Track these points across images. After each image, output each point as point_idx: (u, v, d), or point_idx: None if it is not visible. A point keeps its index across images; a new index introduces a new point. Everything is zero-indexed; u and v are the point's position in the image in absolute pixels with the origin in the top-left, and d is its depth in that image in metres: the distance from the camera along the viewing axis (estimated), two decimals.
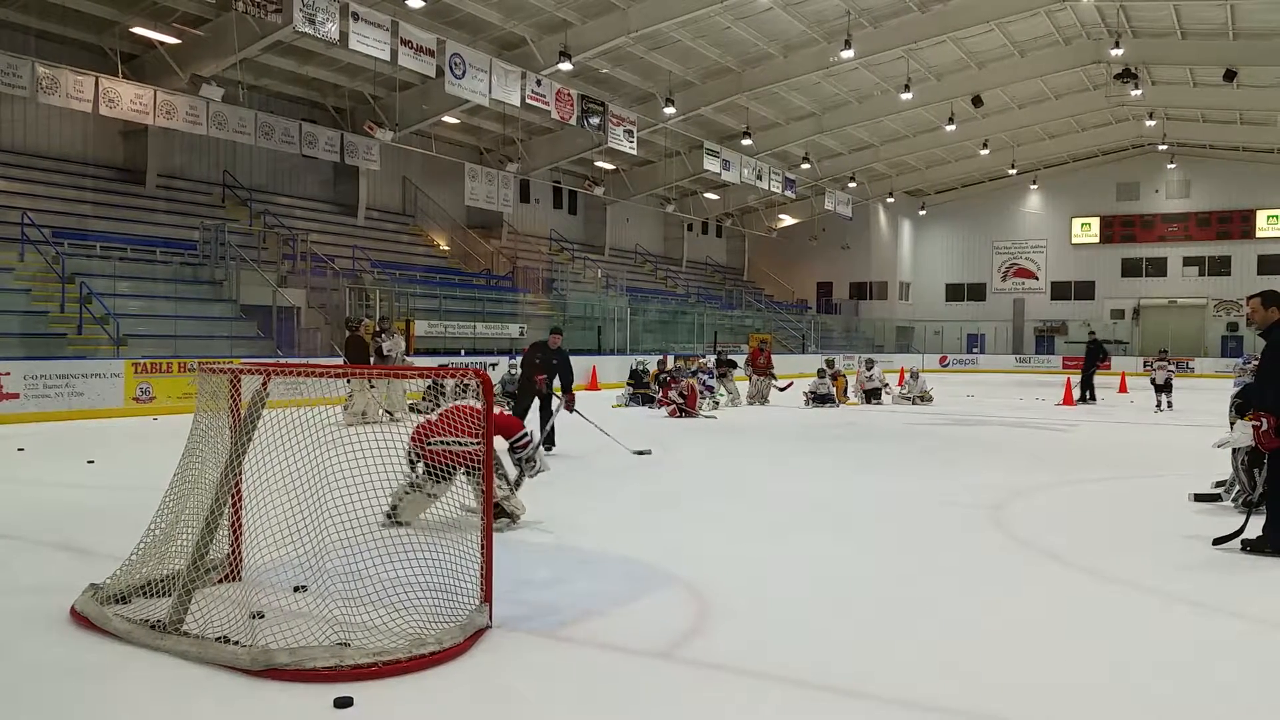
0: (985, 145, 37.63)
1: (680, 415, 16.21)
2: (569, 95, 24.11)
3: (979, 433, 14.41)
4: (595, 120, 25.13)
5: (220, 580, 4.66)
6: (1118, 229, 45.36)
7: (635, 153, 28.09)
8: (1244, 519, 6.19)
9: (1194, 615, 4.92)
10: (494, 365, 19.60)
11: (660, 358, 21.69)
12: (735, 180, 33.10)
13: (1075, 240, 46.27)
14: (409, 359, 17.51)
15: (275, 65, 23.17)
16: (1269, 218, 42.30)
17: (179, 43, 20.34)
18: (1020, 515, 7.46)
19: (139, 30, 20.06)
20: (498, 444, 5.41)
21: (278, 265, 21.86)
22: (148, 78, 20.21)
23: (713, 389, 18.70)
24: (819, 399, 18.75)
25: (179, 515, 4.64)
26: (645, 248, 40.85)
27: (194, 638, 4.02)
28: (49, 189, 19.94)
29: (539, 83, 23.06)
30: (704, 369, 20.05)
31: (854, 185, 41.71)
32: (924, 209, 47.44)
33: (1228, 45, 27.23)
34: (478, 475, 5.36)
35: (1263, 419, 5.86)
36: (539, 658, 4.05)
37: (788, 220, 45.30)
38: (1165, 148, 41.14)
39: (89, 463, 9.75)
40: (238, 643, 3.92)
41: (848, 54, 24.37)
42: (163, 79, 20.14)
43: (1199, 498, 7.70)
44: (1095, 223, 45.78)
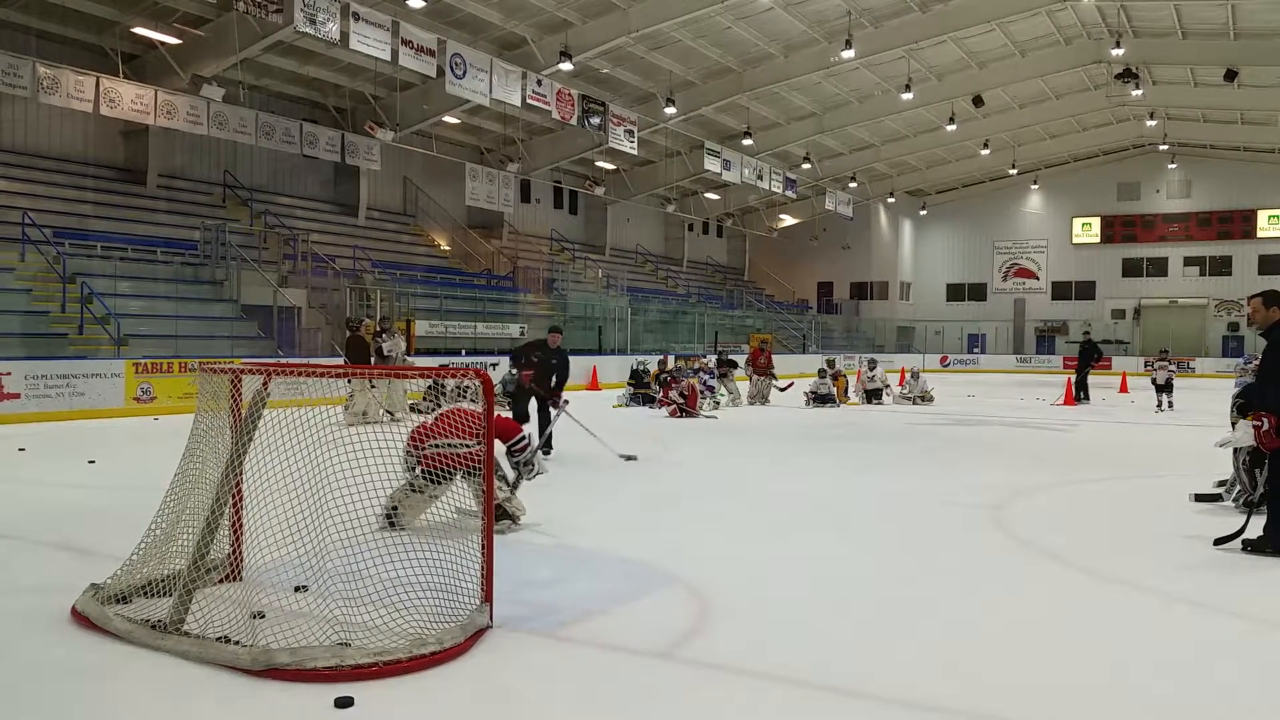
0: (986, 145, 37.62)
1: (681, 415, 16.21)
2: (569, 95, 24.11)
3: (980, 433, 14.41)
4: (596, 120, 25.14)
5: (221, 580, 4.67)
6: (1118, 229, 45.35)
7: (636, 153, 28.09)
8: (1245, 519, 6.20)
9: (1194, 615, 4.92)
10: (495, 365, 19.60)
11: (661, 358, 21.70)
12: (736, 180, 33.10)
13: (1076, 240, 46.27)
14: (409, 359, 17.52)
15: (276, 65, 23.17)
16: (1270, 218, 42.30)
17: (180, 43, 20.36)
18: (1021, 515, 7.46)
19: (140, 30, 20.08)
20: (496, 447, 5.40)
21: (278, 265, 21.87)
22: (148, 78, 20.23)
23: (713, 389, 18.72)
24: (820, 399, 18.75)
25: (180, 515, 4.64)
26: (646, 248, 40.85)
27: (195, 638, 4.02)
28: (50, 189, 19.95)
29: (540, 83, 23.07)
30: (705, 369, 20.06)
31: (855, 185, 41.71)
32: (925, 209, 47.42)
33: (1228, 45, 27.22)
34: (476, 477, 5.36)
35: (1264, 419, 5.87)
36: (539, 658, 4.05)
37: (788, 220, 45.30)
38: (1166, 148, 41.15)
39: (90, 463, 9.76)
40: (238, 643, 3.93)
41: (848, 54, 24.36)
42: (163, 79, 20.15)
43: (1199, 498, 7.70)
44: (1096, 223, 45.77)
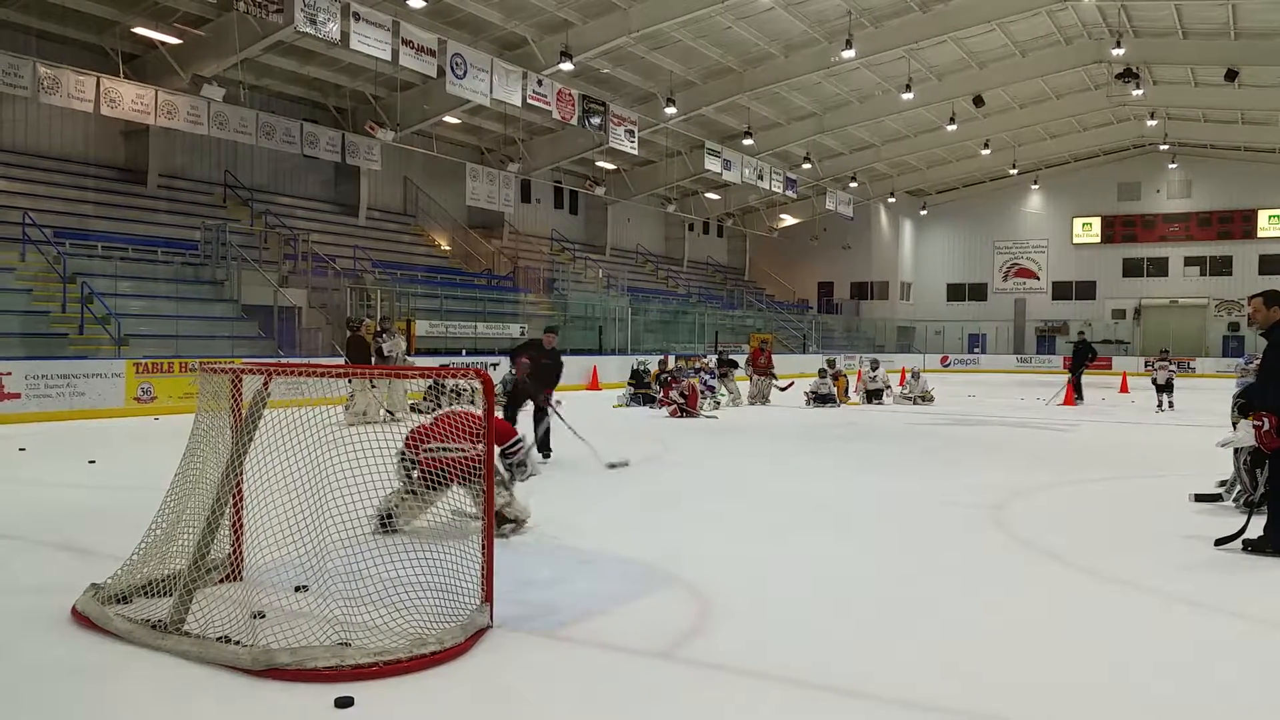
0: (986, 145, 37.61)
1: (681, 415, 16.21)
2: (570, 95, 24.11)
3: (980, 433, 14.41)
4: (596, 120, 25.14)
5: (221, 580, 4.68)
6: (1119, 229, 45.34)
7: (636, 153, 28.09)
8: (1245, 519, 6.20)
9: (1194, 615, 4.92)
10: (495, 365, 19.59)
11: (661, 358, 21.71)
12: (736, 180, 33.10)
13: (1076, 240, 46.25)
14: (410, 359, 17.52)
15: (276, 65, 23.17)
16: (1270, 217, 42.29)
17: (180, 43, 20.36)
18: (1021, 515, 7.46)
19: (140, 30, 20.08)
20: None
21: (279, 265, 21.87)
22: (149, 78, 20.22)
23: (714, 389, 18.72)
24: (820, 399, 18.75)
25: (180, 515, 4.64)
26: (646, 248, 40.84)
27: (195, 637, 4.02)
28: (50, 189, 19.96)
29: (540, 83, 23.07)
30: (705, 369, 20.06)
31: (855, 185, 41.70)
32: (925, 209, 47.42)
33: (1229, 45, 27.21)
34: (473, 482, 5.33)
35: (1265, 419, 5.87)
36: (539, 658, 4.05)
37: (789, 220, 45.28)
38: (1166, 147, 41.15)
39: (90, 463, 9.76)
40: (239, 642, 3.93)
41: (849, 54, 24.34)
42: (164, 79, 20.15)
43: (1199, 498, 7.70)
44: (1096, 223, 45.76)
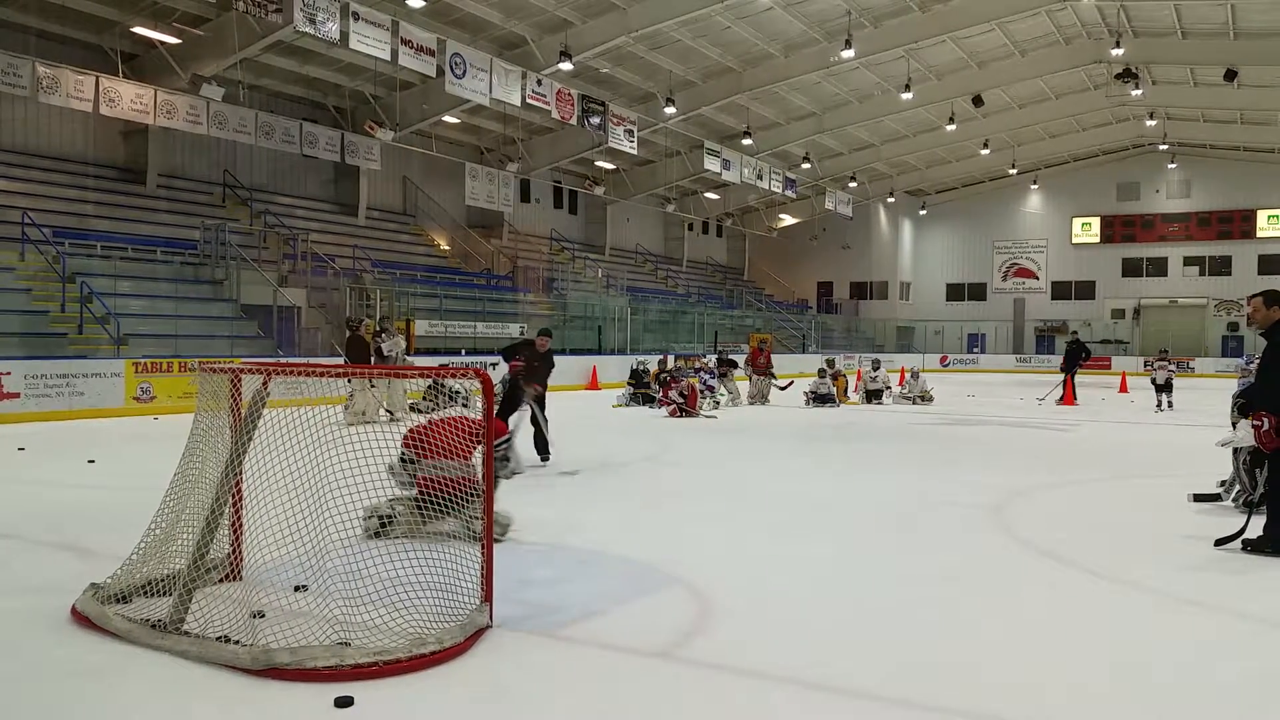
0: (986, 145, 37.63)
1: (681, 415, 16.21)
2: (569, 95, 24.11)
3: (979, 433, 14.41)
4: (596, 120, 25.14)
5: (221, 580, 4.68)
6: (1118, 229, 45.36)
7: (635, 152, 28.10)
8: (1245, 519, 6.20)
9: (1194, 615, 4.91)
10: (494, 365, 19.58)
11: (661, 357, 21.71)
12: (736, 180, 33.11)
13: (1076, 240, 46.27)
14: (409, 359, 17.51)
15: (276, 65, 23.17)
16: (1269, 217, 42.32)
17: (179, 42, 20.35)
18: (1021, 515, 7.46)
19: (139, 30, 20.08)
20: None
21: (278, 265, 21.88)
22: (148, 77, 20.22)
23: (713, 389, 18.72)
24: (819, 399, 18.75)
25: (180, 515, 4.64)
26: (646, 247, 40.84)
27: (195, 637, 4.02)
28: (49, 189, 19.95)
29: (539, 82, 23.07)
30: (705, 369, 20.06)
31: (854, 185, 41.72)
32: (924, 209, 47.43)
33: (1228, 45, 27.22)
34: (463, 510, 5.26)
35: (1264, 418, 5.87)
36: (539, 658, 4.05)
37: (788, 220, 45.30)
38: (1166, 147, 41.16)
39: (90, 462, 9.76)
40: (238, 642, 3.93)
41: (848, 54, 24.37)
42: (163, 79, 20.15)
43: (1199, 498, 7.70)
44: (1096, 222, 45.78)
